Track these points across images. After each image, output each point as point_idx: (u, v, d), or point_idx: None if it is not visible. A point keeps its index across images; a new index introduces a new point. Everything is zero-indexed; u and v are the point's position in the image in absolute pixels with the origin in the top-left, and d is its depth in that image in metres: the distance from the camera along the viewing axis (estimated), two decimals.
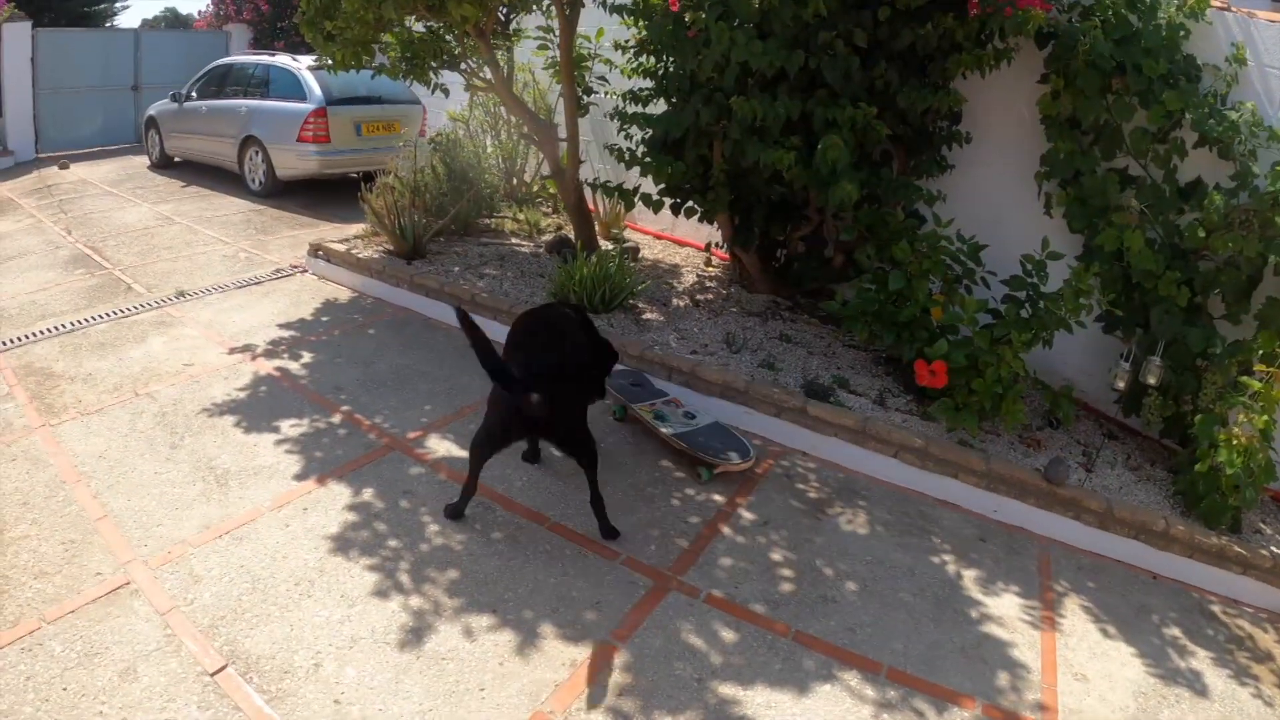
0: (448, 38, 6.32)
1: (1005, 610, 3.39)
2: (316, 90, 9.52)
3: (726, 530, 3.73)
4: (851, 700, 2.83)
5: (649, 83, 5.83)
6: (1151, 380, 4.43)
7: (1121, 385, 4.62)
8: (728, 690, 2.82)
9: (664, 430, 4.25)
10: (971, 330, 4.35)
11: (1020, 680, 3.02)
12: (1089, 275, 4.27)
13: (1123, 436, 4.84)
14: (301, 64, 9.87)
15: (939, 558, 3.68)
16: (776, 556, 3.57)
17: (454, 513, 3.67)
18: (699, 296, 6.03)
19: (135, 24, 27.97)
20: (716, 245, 6.49)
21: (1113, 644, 3.29)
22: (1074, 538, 3.98)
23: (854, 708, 2.80)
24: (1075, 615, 3.44)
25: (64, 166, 12.42)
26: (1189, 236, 4.31)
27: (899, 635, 3.17)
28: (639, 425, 4.50)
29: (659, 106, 5.73)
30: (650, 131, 5.59)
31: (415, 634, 2.97)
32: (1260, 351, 4.00)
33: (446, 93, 6.64)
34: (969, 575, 3.59)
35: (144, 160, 12.68)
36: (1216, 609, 3.67)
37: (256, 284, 6.73)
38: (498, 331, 5.52)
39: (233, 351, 5.31)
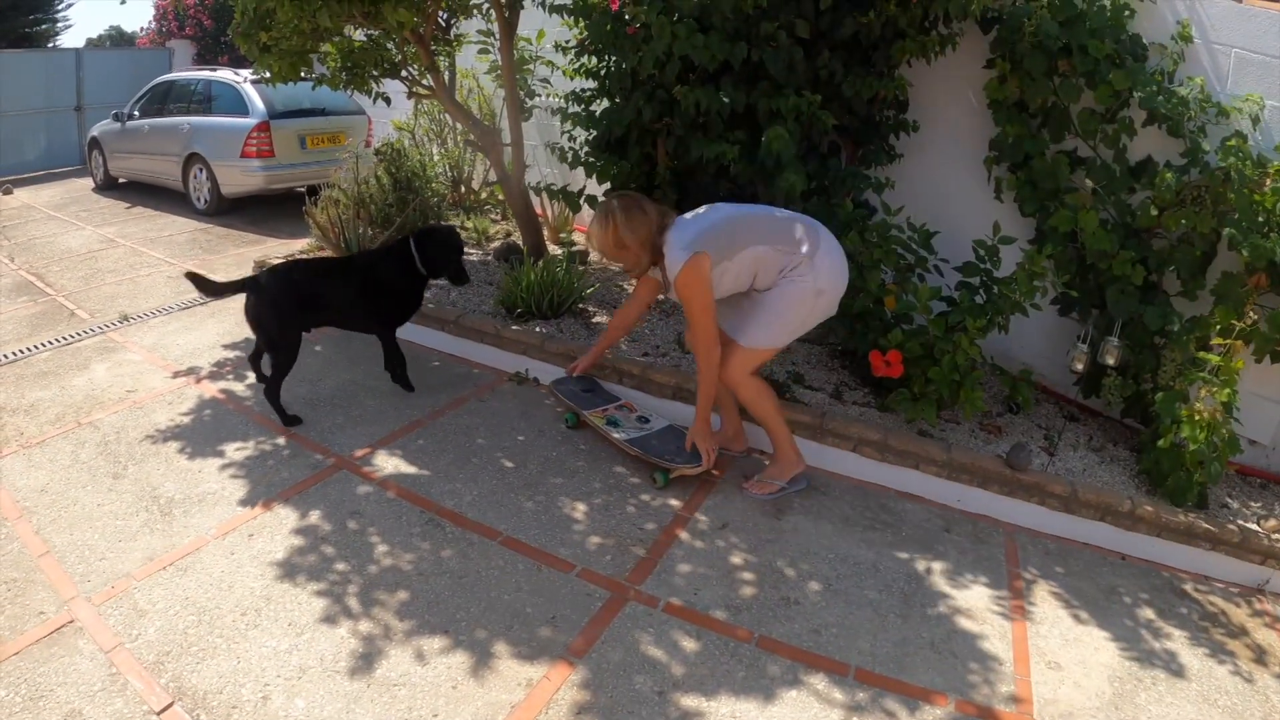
0: (388, 45, 6.20)
1: (974, 602, 3.33)
2: (259, 104, 9.39)
3: (684, 535, 3.65)
4: (819, 705, 2.75)
5: (592, 83, 5.75)
6: (1110, 361, 4.41)
7: (1080, 367, 4.59)
8: (690, 702, 2.73)
9: (616, 436, 4.18)
10: (926, 318, 4.30)
11: (993, 673, 2.95)
12: (1042, 258, 4.23)
13: (1084, 418, 4.81)
14: (243, 78, 9.73)
15: (904, 552, 3.62)
16: (736, 560, 3.49)
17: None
18: None
19: (79, 43, 27.59)
20: None
21: (1085, 629, 3.24)
22: (1040, 523, 3.94)
23: (822, 712, 2.72)
24: (1045, 602, 3.39)
25: (7, 192, 12.24)
26: (1142, 215, 4.30)
27: (866, 634, 3.09)
28: (592, 432, 4.40)
29: (603, 106, 5.65)
30: (594, 132, 5.51)
31: (365, 660, 2.86)
32: (1218, 326, 3.98)
33: (389, 101, 6.53)
34: (935, 568, 3.53)
35: (88, 183, 12.53)
36: (1188, 587, 3.63)
37: (202, 304, 6.58)
38: (444, 343, 5.48)
39: (177, 375, 5.18)
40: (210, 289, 4.49)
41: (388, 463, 4.14)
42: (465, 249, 6.60)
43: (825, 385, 4.69)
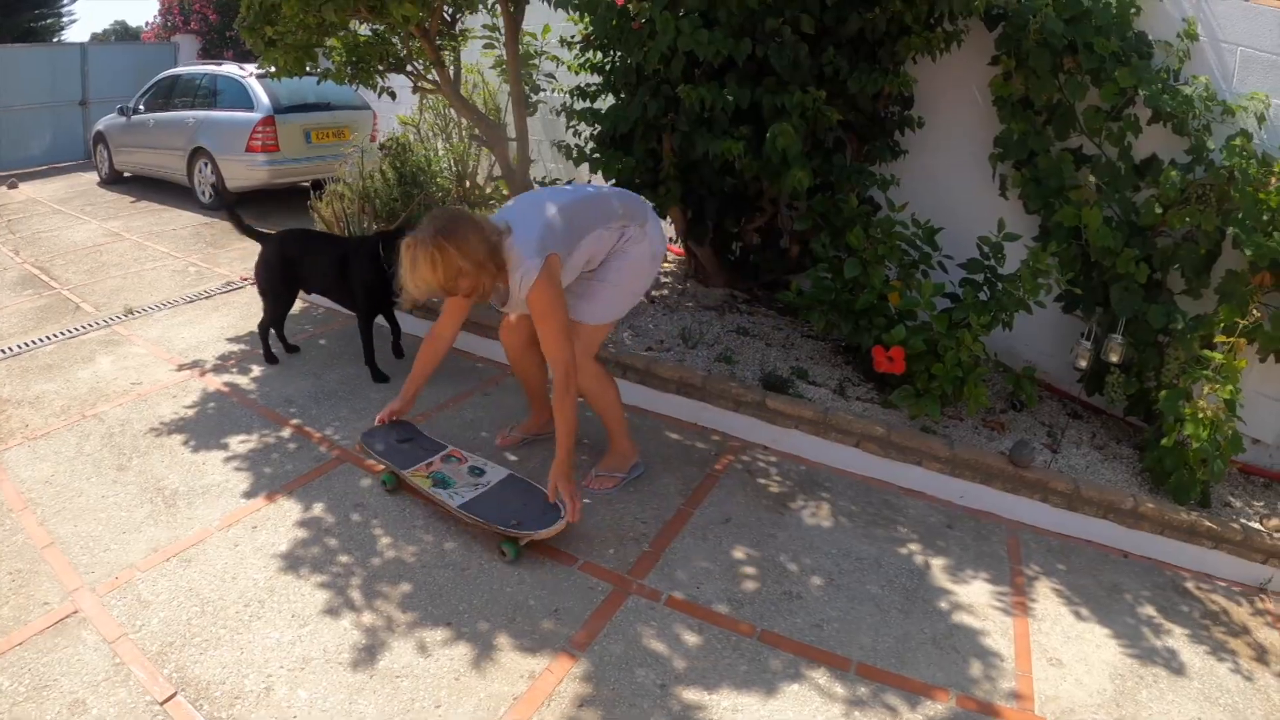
0: (393, 40, 6.21)
1: (975, 598, 3.33)
2: (264, 99, 9.38)
3: (687, 530, 3.65)
4: (820, 699, 2.76)
5: (597, 78, 5.75)
6: (1113, 358, 4.42)
7: (1084, 364, 4.60)
8: (692, 695, 2.74)
9: (447, 502, 3.52)
10: (930, 315, 4.30)
11: (994, 669, 2.96)
12: (1046, 255, 4.24)
13: (1087, 416, 4.82)
14: (248, 72, 9.74)
15: (906, 547, 3.63)
16: (739, 554, 3.49)
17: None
18: (654, 292, 5.93)
19: (84, 38, 27.66)
20: (670, 240, 6.43)
21: (1086, 626, 3.25)
22: (1042, 520, 3.94)
23: (823, 706, 2.73)
24: (1047, 599, 3.39)
25: (12, 186, 12.25)
26: (1146, 213, 4.31)
27: (867, 629, 3.10)
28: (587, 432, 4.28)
29: (608, 102, 5.66)
30: (599, 127, 5.51)
31: (368, 652, 2.87)
32: (1222, 324, 3.99)
33: (394, 96, 6.53)
34: (937, 564, 3.54)
35: (93, 177, 12.52)
36: (1190, 585, 3.64)
37: (206, 298, 6.59)
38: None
39: (181, 368, 5.18)
40: (239, 226, 5.26)
41: None
42: None
43: (829, 381, 4.68)
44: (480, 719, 2.62)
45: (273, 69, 5.92)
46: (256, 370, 5.13)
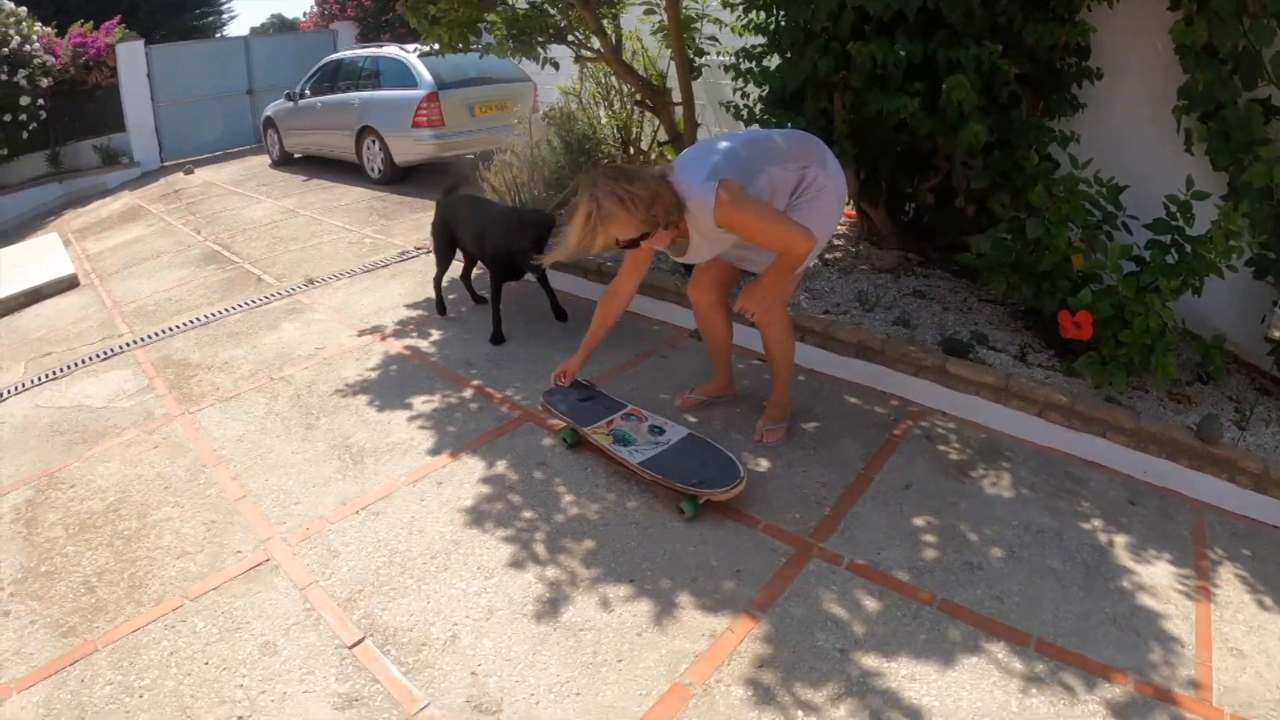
0: (552, 11, 6.29)
1: (1157, 579, 3.18)
2: (427, 76, 9.69)
3: (868, 495, 3.61)
4: (999, 673, 2.70)
5: (761, 39, 5.70)
6: None
7: (1277, 335, 4.32)
8: (870, 661, 2.73)
9: (628, 459, 3.59)
10: (1116, 278, 4.11)
11: (1173, 655, 2.82)
12: (1239, 215, 3.98)
13: (1276, 391, 4.53)
14: (410, 52, 10.05)
15: (1088, 522, 3.49)
16: (919, 522, 3.44)
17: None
18: (827, 255, 5.86)
19: (244, 32, 29.09)
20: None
21: (1270, 617, 3.05)
22: (1228, 501, 3.72)
23: (1001, 681, 2.67)
24: (1230, 585, 3.20)
25: (189, 172, 13.09)
26: None
27: (1048, 605, 3.01)
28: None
29: (774, 62, 5.60)
30: (767, 87, 5.46)
31: (551, 605, 2.97)
32: None
33: (557, 66, 6.61)
34: (1119, 541, 3.39)
35: (264, 159, 13.21)
36: None
37: (383, 267, 6.89)
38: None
39: (363, 333, 5.44)
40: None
41: None
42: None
43: (1009, 346, 4.54)
44: (661, 674, 2.68)
45: (436, 46, 6.10)
46: (435, 334, 5.34)
